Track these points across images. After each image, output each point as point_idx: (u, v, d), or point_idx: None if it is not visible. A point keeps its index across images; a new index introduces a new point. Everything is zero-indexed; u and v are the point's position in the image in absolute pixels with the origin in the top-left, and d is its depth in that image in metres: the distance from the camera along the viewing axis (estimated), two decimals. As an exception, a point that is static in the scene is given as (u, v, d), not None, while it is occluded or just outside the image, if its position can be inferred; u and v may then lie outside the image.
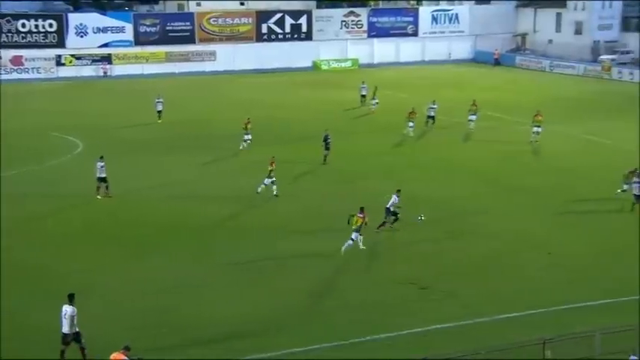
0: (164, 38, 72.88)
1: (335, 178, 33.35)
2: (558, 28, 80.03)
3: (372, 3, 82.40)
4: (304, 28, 77.82)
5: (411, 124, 41.05)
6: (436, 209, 28.51)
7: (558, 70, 72.69)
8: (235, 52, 74.34)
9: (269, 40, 76.63)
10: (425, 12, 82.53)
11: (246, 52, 74.60)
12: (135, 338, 17.08)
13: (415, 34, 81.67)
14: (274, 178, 30.05)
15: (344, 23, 79.17)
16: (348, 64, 78.46)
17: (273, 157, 30.77)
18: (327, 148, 35.72)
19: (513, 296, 20.81)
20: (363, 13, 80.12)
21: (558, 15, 79.90)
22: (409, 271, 22.72)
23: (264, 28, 76.49)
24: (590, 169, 34.56)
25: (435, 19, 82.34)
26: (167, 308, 20.31)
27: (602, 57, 71.84)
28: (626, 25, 78.02)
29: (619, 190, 29.17)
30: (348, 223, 23.90)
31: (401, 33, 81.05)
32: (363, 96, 51.92)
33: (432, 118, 44.40)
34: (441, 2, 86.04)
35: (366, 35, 80.00)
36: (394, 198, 26.07)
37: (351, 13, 79.71)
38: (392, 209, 25.93)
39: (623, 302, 20.18)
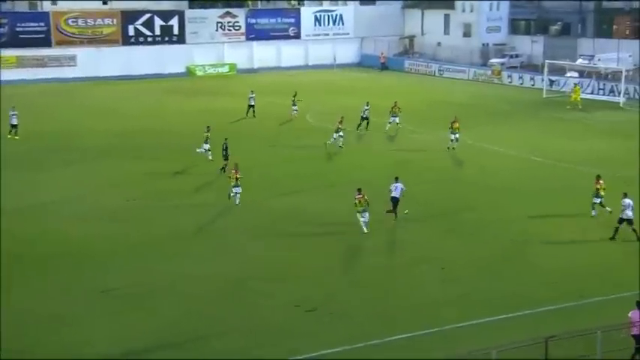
0: (14, 40, 70.24)
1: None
2: (447, 30, 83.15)
3: (249, 3, 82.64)
4: (176, 30, 77.13)
5: (340, 133, 41.37)
6: (322, 224, 28.93)
7: (448, 74, 75.52)
8: (99, 57, 72.67)
9: (137, 43, 75.42)
10: (307, 13, 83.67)
11: (111, 57, 73.12)
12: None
13: (297, 36, 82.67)
14: (240, 187, 30.81)
15: (220, 25, 79.06)
16: (226, 69, 78.38)
17: (236, 165, 31.40)
18: (225, 158, 35.93)
19: (406, 315, 21.29)
20: (240, 13, 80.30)
21: (446, 17, 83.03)
22: (294, 292, 22.84)
23: (130, 30, 75.23)
24: (481, 178, 35.94)
25: (318, 20, 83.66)
26: (26, 343, 19.50)
27: (491, 61, 75.28)
28: (514, 28, 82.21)
29: (605, 210, 29.10)
30: (355, 205, 27.58)
31: (282, 35, 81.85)
32: (251, 106, 51.78)
33: (367, 119, 46.07)
34: (324, 2, 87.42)
35: (244, 38, 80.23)
36: (400, 185, 28.87)
37: (228, 13, 79.71)
38: (400, 196, 28.75)
39: (517, 317, 21.05)
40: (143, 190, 33.98)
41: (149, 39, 76.06)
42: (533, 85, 66.32)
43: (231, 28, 79.55)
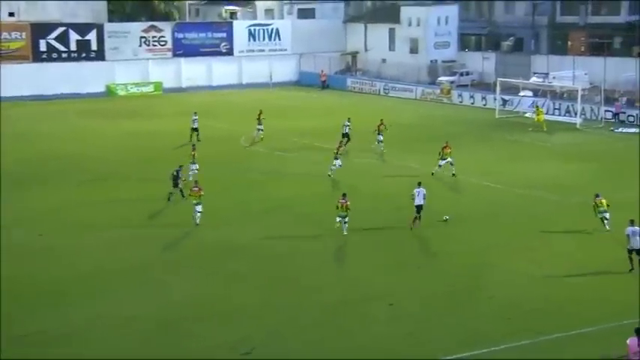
0: None
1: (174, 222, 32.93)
2: (392, 46, 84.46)
3: (177, 15, 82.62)
4: (94, 46, 76.59)
5: (339, 161, 41.72)
6: (260, 257, 29.02)
7: (394, 93, 76.65)
8: (5, 75, 71.67)
9: (49, 59, 74.67)
10: (240, 27, 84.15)
11: (21, 75, 72.19)
12: None
13: (230, 52, 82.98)
14: (201, 205, 32.77)
15: (144, 40, 78.84)
16: (150, 88, 78.08)
17: (196, 182, 33.60)
18: (175, 185, 36.43)
19: (352, 356, 21.42)
20: (166, 27, 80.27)
21: (391, 31, 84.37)
22: (229, 333, 22.76)
23: (42, 45, 74.46)
24: (431, 205, 36.36)
25: (252, 35, 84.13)
26: None
27: (440, 79, 76.68)
28: (464, 43, 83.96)
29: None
30: (337, 208, 31.21)
31: (213, 51, 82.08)
32: (195, 129, 51.64)
33: (347, 136, 47.82)
34: (258, 16, 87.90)
35: (171, 54, 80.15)
36: (423, 191, 32.57)
37: (152, 27, 79.61)
38: (424, 202, 32.42)
39: (470, 357, 21.35)
40: (59, 223, 33.53)
41: (64, 55, 75.32)
42: (485, 105, 67.74)
43: (156, 44, 79.35)
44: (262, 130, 51.55)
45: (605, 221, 31.23)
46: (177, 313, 24.22)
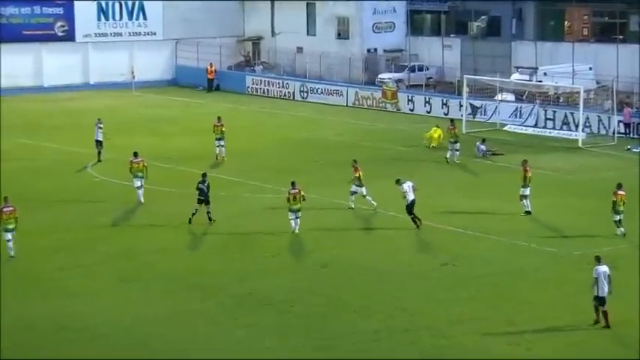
0: None
1: None
2: (312, 29, 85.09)
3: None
4: None
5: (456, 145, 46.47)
6: (97, 344, 28.58)
7: (315, 97, 77.36)
8: None
9: None
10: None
11: None
12: None
13: (70, 37, 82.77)
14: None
15: None
16: (-54, 91, 76.95)
17: (6, 198, 36.44)
18: (207, 202, 40.67)
19: None
20: (-30, -1, 79.37)
21: (310, 7, 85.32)
22: None
23: None
24: (365, 261, 36.41)
25: (103, 11, 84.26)
26: None
27: (382, 76, 77.18)
28: (415, 25, 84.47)
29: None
30: (288, 201, 39.03)
31: (44, 35, 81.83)
32: (99, 142, 52.56)
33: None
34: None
35: (-23, 40, 79.32)
36: (410, 184, 40.04)
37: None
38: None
39: None
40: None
41: None
42: (446, 114, 68.12)
43: (-47, 24, 78.59)
44: (224, 145, 52.93)
45: (618, 226, 37.75)
46: None
